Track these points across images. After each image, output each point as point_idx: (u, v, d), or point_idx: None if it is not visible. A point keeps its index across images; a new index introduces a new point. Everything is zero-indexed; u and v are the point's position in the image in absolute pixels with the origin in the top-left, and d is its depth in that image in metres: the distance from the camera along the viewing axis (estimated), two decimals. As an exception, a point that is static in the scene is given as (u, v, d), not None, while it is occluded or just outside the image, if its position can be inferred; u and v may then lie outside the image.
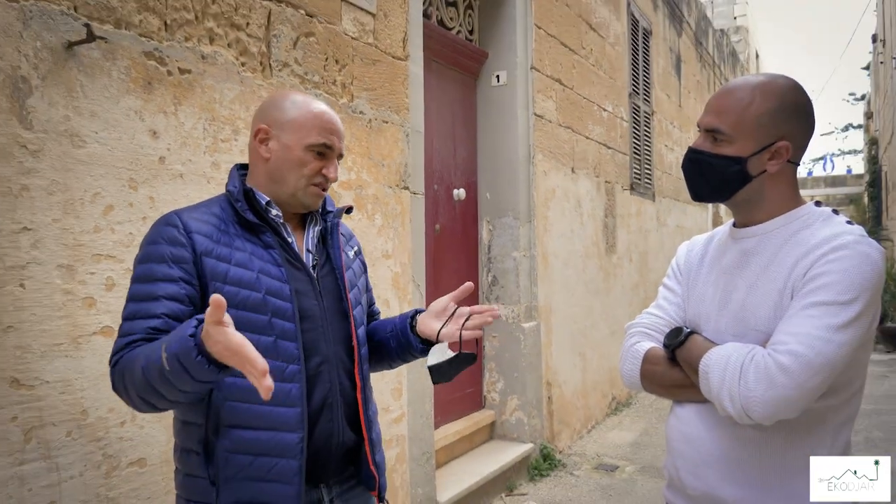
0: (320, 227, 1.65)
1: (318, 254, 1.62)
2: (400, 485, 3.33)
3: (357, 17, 3.10)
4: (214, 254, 1.43)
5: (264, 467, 1.43)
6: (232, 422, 1.43)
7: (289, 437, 1.44)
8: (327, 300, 1.58)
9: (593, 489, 4.46)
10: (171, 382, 1.24)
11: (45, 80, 1.82)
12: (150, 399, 1.31)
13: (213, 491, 1.43)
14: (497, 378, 4.81)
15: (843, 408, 1.36)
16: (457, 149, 4.61)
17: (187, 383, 1.23)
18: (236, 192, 1.51)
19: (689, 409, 1.46)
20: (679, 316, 1.56)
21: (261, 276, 1.46)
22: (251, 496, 1.43)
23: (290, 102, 1.57)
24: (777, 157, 1.38)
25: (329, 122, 1.56)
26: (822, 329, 1.23)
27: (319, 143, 1.53)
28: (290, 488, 1.44)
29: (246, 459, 1.43)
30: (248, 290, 1.44)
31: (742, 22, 18.39)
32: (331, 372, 1.55)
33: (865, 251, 1.27)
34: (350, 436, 1.58)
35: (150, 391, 1.28)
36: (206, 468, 1.44)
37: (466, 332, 1.58)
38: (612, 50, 6.59)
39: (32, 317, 1.79)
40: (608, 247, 6.47)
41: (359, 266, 1.75)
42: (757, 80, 1.41)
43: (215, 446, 1.43)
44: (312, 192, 1.56)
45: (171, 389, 1.26)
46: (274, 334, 1.45)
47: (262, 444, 1.43)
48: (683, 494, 1.49)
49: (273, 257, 1.49)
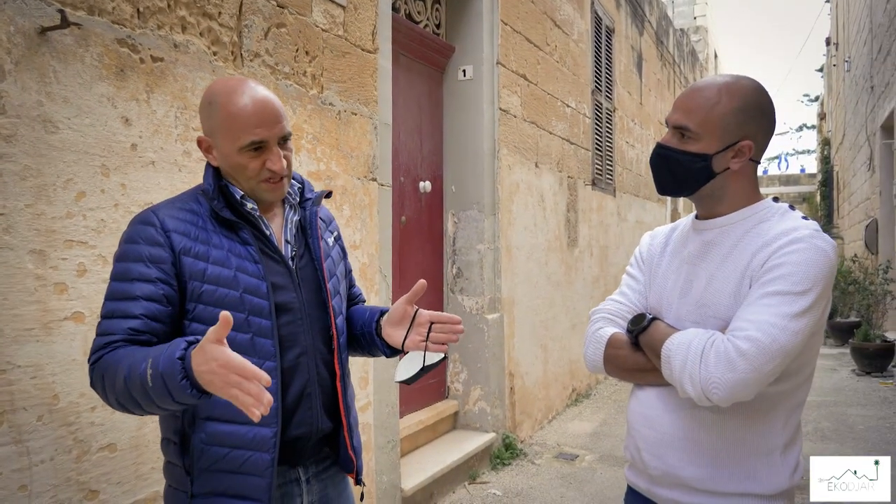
0: (299, 216, 1.66)
1: (297, 244, 1.63)
2: (366, 472, 3.37)
3: (327, 10, 3.12)
4: (192, 252, 1.44)
5: (238, 460, 1.45)
6: (207, 414, 1.45)
7: (264, 431, 1.46)
8: (306, 291, 1.60)
9: (554, 477, 4.56)
10: (151, 397, 1.27)
11: (18, 65, 1.82)
12: (128, 406, 1.34)
13: (188, 480, 1.46)
14: (460, 369, 4.88)
15: (794, 393, 1.44)
16: (423, 142, 4.66)
17: (167, 402, 1.27)
18: (211, 191, 1.51)
19: (649, 392, 1.53)
20: (641, 303, 1.63)
21: (238, 274, 1.47)
22: (224, 487, 1.46)
23: (215, 104, 1.49)
24: (740, 155, 1.46)
25: (253, 117, 1.46)
26: (778, 317, 1.30)
27: (248, 142, 1.47)
28: (262, 480, 1.46)
29: (220, 452, 1.45)
30: (226, 289, 1.45)
31: (702, 22, 18.71)
32: (309, 363, 1.57)
33: (820, 245, 1.36)
34: (327, 423, 1.61)
35: (130, 400, 1.32)
36: (182, 458, 1.47)
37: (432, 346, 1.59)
38: (575, 47, 6.68)
39: (4, 301, 1.79)
40: (570, 241, 6.57)
41: (338, 253, 1.76)
42: (723, 80, 1.48)
43: (191, 438, 1.46)
44: (265, 188, 1.53)
45: (149, 403, 1.30)
46: (251, 332, 1.47)
47: (237, 438, 1.45)
48: (645, 475, 1.56)
49: (250, 253, 1.50)
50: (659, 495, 1.52)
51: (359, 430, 1.74)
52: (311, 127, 2.98)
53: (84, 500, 1.98)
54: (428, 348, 1.59)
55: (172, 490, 1.52)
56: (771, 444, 1.42)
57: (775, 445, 1.42)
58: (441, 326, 1.59)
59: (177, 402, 1.27)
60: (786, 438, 1.43)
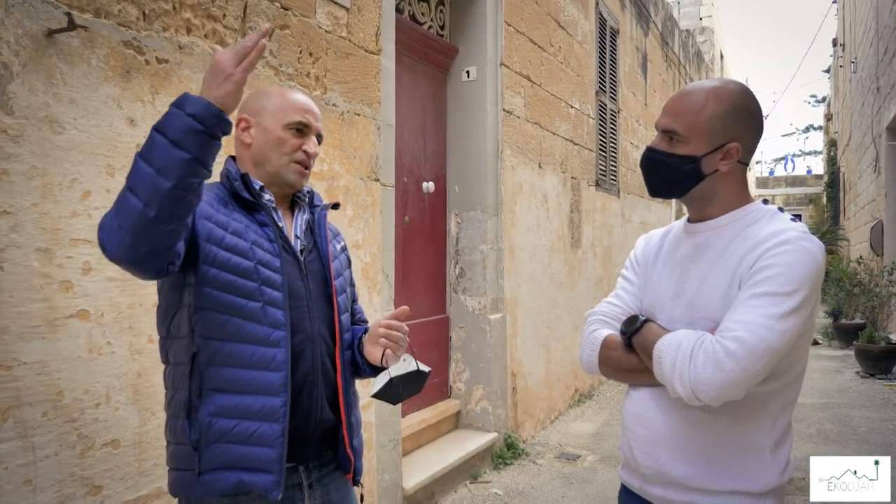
0: (307, 216, 1.72)
1: (306, 241, 1.69)
2: (367, 471, 3.40)
3: (331, 11, 3.15)
4: (213, 219, 1.49)
5: (246, 432, 1.47)
6: (215, 385, 1.47)
7: (273, 401, 1.48)
8: (313, 283, 1.64)
9: (555, 477, 4.58)
10: (173, 145, 1.27)
11: (25, 66, 1.85)
12: (139, 183, 1.28)
13: (195, 456, 1.47)
14: (463, 368, 4.90)
15: (784, 392, 1.46)
16: (426, 142, 4.68)
17: (190, 136, 1.28)
18: (234, 173, 1.59)
19: (643, 393, 1.56)
20: (636, 305, 1.65)
21: (254, 247, 1.52)
22: (234, 460, 1.47)
23: (267, 94, 1.68)
24: (728, 157, 1.48)
25: (304, 104, 1.66)
26: (766, 317, 1.33)
27: (296, 121, 1.62)
28: (273, 451, 1.47)
29: (229, 423, 1.46)
30: (241, 258, 1.49)
31: (708, 23, 18.67)
32: (313, 350, 1.60)
33: (807, 246, 1.38)
34: (329, 416, 1.62)
35: (147, 178, 1.27)
36: (189, 434, 1.47)
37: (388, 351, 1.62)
38: (580, 48, 6.70)
39: (10, 299, 1.82)
40: (573, 241, 6.59)
41: (345, 259, 1.82)
42: (710, 84, 1.51)
43: (198, 411, 1.47)
44: (295, 169, 1.64)
45: (172, 158, 1.26)
46: (262, 300, 1.50)
47: (245, 409, 1.47)
48: (637, 473, 1.58)
49: (266, 234, 1.56)
50: (651, 493, 1.55)
51: (361, 432, 1.75)
52: (314, 128, 3.00)
53: (88, 496, 2.01)
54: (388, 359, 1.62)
55: (179, 474, 1.52)
56: (761, 442, 1.44)
57: (765, 444, 1.44)
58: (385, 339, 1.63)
59: (195, 122, 1.28)
60: (776, 437, 1.45)
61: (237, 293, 1.48)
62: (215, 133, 1.31)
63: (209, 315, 1.47)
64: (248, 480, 1.47)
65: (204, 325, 1.47)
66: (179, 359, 1.52)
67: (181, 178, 1.28)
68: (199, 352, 1.47)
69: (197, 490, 1.48)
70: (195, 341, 1.48)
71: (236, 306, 1.48)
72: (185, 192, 1.29)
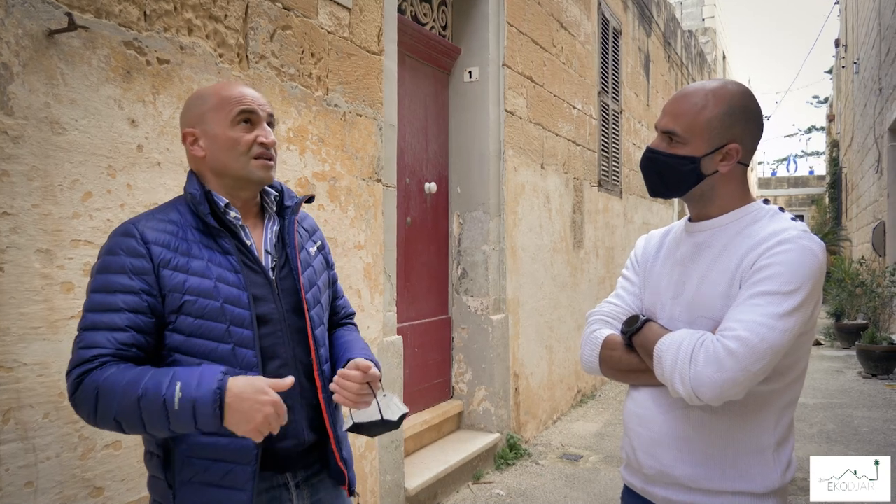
0: (278, 225, 1.65)
1: (278, 254, 1.62)
2: (369, 471, 3.40)
3: (333, 12, 3.14)
4: (172, 264, 1.44)
5: (219, 472, 1.45)
6: None
7: (245, 442, 1.45)
8: (286, 302, 1.58)
9: (558, 478, 4.57)
10: (164, 420, 1.31)
11: (26, 67, 1.85)
12: (127, 425, 1.35)
13: (169, 493, 1.46)
14: (465, 369, 4.90)
15: (785, 391, 1.46)
16: (429, 143, 4.68)
17: (184, 426, 1.33)
18: (198, 196, 1.51)
19: (644, 393, 1.55)
20: (636, 304, 1.65)
21: (219, 285, 1.46)
22: (206, 501, 1.45)
23: (201, 97, 1.58)
24: (728, 158, 1.48)
25: (241, 93, 1.56)
26: (767, 317, 1.32)
27: (239, 111, 1.52)
28: (243, 494, 1.46)
29: (202, 464, 1.45)
30: (206, 299, 1.44)
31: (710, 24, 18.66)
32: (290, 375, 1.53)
33: (808, 245, 1.37)
34: (311, 436, 1.59)
35: (135, 420, 1.33)
36: (165, 471, 1.47)
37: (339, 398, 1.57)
38: (582, 48, 6.69)
39: (11, 300, 1.82)
40: (576, 242, 6.58)
41: (320, 263, 1.74)
42: (710, 85, 1.50)
43: (173, 450, 1.46)
44: (257, 165, 1.54)
45: (160, 425, 1.33)
46: (232, 342, 1.46)
47: (219, 450, 1.45)
48: (640, 474, 1.58)
49: (231, 264, 1.50)
50: (654, 494, 1.54)
51: (349, 441, 1.72)
52: (316, 128, 3.00)
53: (89, 497, 2.01)
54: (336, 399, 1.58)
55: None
56: (763, 442, 1.44)
57: (767, 444, 1.44)
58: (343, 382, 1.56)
59: (194, 429, 1.34)
60: (778, 437, 1.45)
61: (206, 336, 1.44)
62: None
63: (180, 360, 1.44)
64: None
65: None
66: None
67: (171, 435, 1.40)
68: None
69: None
70: None
71: (206, 350, 1.44)
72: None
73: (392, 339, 3.59)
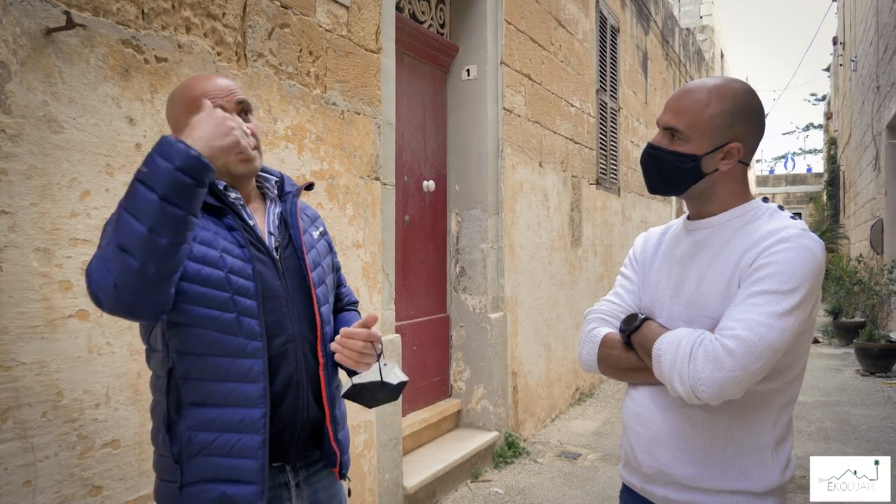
0: (280, 208, 1.67)
1: (281, 235, 1.64)
2: (368, 470, 3.40)
3: (331, 10, 3.14)
4: None
5: (227, 444, 1.45)
6: (193, 399, 1.46)
7: (252, 412, 1.46)
8: (291, 280, 1.60)
9: (556, 476, 4.57)
10: (152, 191, 1.23)
11: (23, 65, 1.85)
12: (131, 242, 1.25)
13: (177, 469, 1.46)
14: (464, 367, 4.90)
15: (784, 390, 1.46)
16: (427, 141, 4.67)
17: (170, 181, 1.24)
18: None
19: (642, 392, 1.55)
20: (635, 303, 1.65)
21: (224, 255, 1.47)
22: (215, 473, 1.45)
23: (171, 102, 1.60)
24: (729, 156, 1.47)
25: (206, 87, 1.55)
26: (766, 315, 1.32)
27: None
28: (254, 462, 1.46)
29: (209, 437, 1.45)
30: (211, 268, 1.45)
31: (708, 21, 18.66)
32: (297, 351, 1.57)
33: (807, 244, 1.37)
34: (315, 412, 1.60)
35: (131, 228, 1.24)
36: (170, 447, 1.47)
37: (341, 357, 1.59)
38: (580, 46, 6.69)
39: (10, 299, 1.81)
40: (574, 240, 6.58)
41: (324, 246, 1.76)
42: (714, 82, 1.49)
43: (178, 425, 1.46)
44: (235, 160, 1.53)
45: (152, 203, 1.24)
46: (236, 311, 1.46)
47: (224, 422, 1.45)
48: (638, 473, 1.58)
49: (235, 238, 1.51)
50: (652, 493, 1.54)
51: (347, 425, 1.73)
52: (314, 126, 3.00)
53: (88, 496, 2.01)
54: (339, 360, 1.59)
55: (163, 484, 1.51)
56: (761, 441, 1.43)
57: (766, 443, 1.43)
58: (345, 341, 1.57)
59: (176, 171, 1.24)
60: (777, 436, 1.44)
61: (210, 305, 1.44)
62: (204, 184, 1.29)
63: (183, 329, 1.44)
64: (231, 493, 1.46)
65: (178, 340, 1.45)
66: (157, 371, 1.51)
67: (176, 233, 1.26)
68: (175, 367, 1.45)
69: (180, 502, 1.47)
70: (170, 356, 1.46)
71: (210, 318, 1.44)
72: (181, 243, 1.29)
73: (390, 337, 3.59)
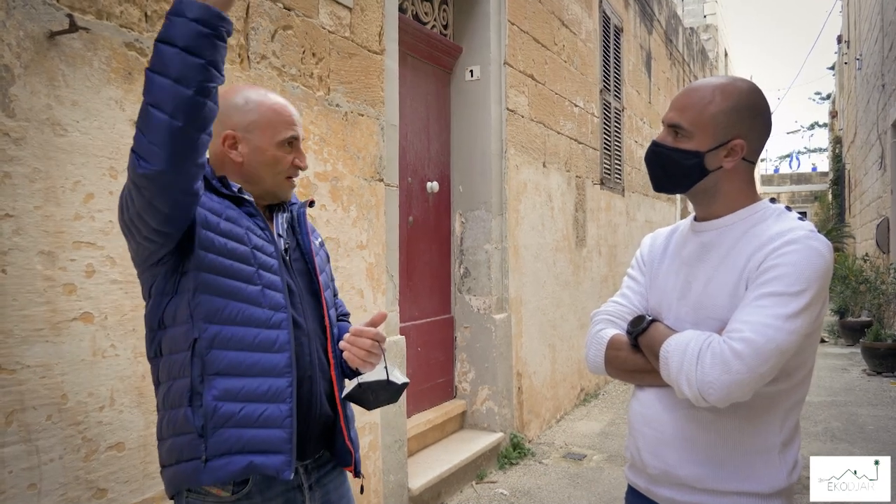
0: (287, 215, 1.71)
1: (289, 239, 1.67)
2: (372, 471, 3.39)
3: (334, 11, 3.14)
4: (207, 206, 1.48)
5: (254, 414, 1.45)
6: (218, 370, 1.45)
7: (278, 382, 1.48)
8: (300, 281, 1.64)
9: (561, 477, 4.56)
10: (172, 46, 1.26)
11: (27, 69, 1.85)
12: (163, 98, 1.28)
13: (201, 443, 1.43)
14: (468, 368, 4.89)
15: (792, 392, 1.45)
16: (430, 142, 4.67)
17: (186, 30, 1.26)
18: (210, 173, 1.56)
19: (649, 393, 1.54)
20: (642, 304, 1.64)
21: (249, 233, 1.52)
22: (242, 445, 1.44)
23: (247, 102, 1.60)
24: (733, 154, 1.47)
25: (290, 114, 1.62)
26: (774, 318, 1.31)
27: (289, 136, 1.60)
28: (282, 432, 1.46)
29: (235, 407, 1.44)
30: (237, 243, 1.49)
31: (712, 20, 18.63)
32: (310, 346, 1.60)
33: (815, 246, 1.36)
34: (328, 410, 1.62)
35: (162, 84, 1.27)
36: (194, 420, 1.44)
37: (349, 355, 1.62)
38: (583, 46, 6.68)
39: (14, 302, 1.81)
40: (578, 240, 6.57)
41: (324, 255, 1.81)
42: (718, 81, 1.50)
43: (202, 397, 1.44)
44: (288, 184, 1.64)
45: (176, 55, 1.26)
46: (261, 284, 1.50)
47: (251, 392, 1.45)
48: (644, 474, 1.57)
49: (257, 223, 1.56)
50: (658, 494, 1.53)
51: (355, 425, 1.75)
52: (317, 128, 3.00)
53: (93, 499, 2.01)
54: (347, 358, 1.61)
55: (180, 467, 1.47)
56: (769, 443, 1.43)
57: (773, 444, 1.43)
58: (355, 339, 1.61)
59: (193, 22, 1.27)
60: (784, 437, 1.44)
61: (236, 277, 1.47)
62: (221, 35, 1.31)
63: (209, 300, 1.45)
64: (259, 462, 1.45)
65: (204, 310, 1.45)
66: (177, 347, 1.48)
67: (200, 84, 1.29)
68: (200, 337, 1.45)
69: (204, 478, 1.44)
70: (195, 325, 1.45)
71: (235, 290, 1.47)
72: (206, 98, 1.30)
73: (395, 338, 3.59)
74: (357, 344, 1.60)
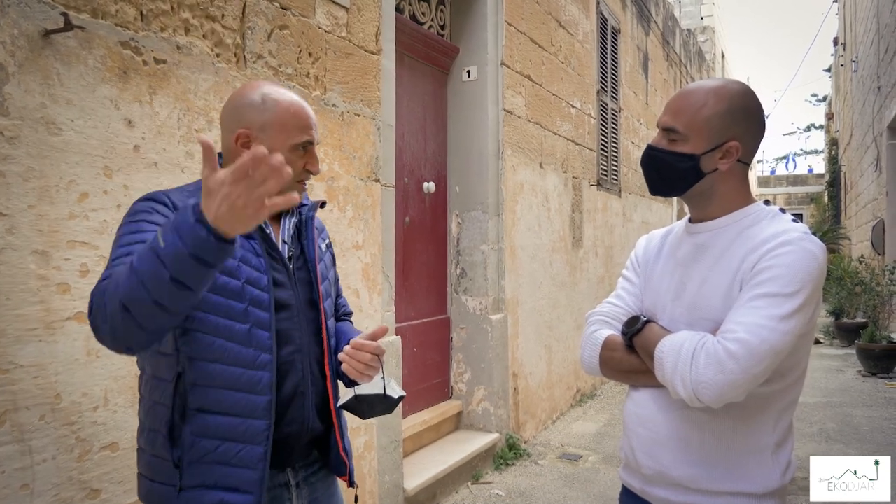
0: (295, 219, 1.68)
1: (294, 246, 1.65)
2: (368, 472, 3.39)
3: (330, 11, 3.13)
4: None
5: (230, 452, 1.45)
6: (200, 406, 1.45)
7: (257, 423, 1.47)
8: (301, 291, 1.62)
9: (557, 478, 4.56)
10: (164, 267, 1.14)
11: (21, 67, 1.84)
12: (135, 305, 1.19)
13: (176, 474, 1.45)
14: (464, 369, 4.89)
15: (785, 392, 1.45)
16: (427, 142, 4.67)
17: (184, 262, 1.14)
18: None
19: (644, 394, 1.55)
20: (636, 305, 1.64)
21: (241, 265, 1.47)
22: (216, 479, 1.45)
23: (264, 100, 1.52)
24: (728, 156, 1.48)
25: (307, 117, 1.55)
26: (768, 319, 1.32)
27: (303, 141, 1.54)
28: (254, 473, 1.46)
29: (212, 444, 1.45)
30: (228, 277, 1.45)
31: (709, 22, 18.65)
32: (303, 361, 1.58)
33: (808, 247, 1.37)
34: (317, 425, 1.61)
35: (140, 291, 1.17)
36: (171, 451, 1.45)
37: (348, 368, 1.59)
38: (580, 47, 6.68)
39: (7, 302, 1.81)
40: (575, 241, 6.57)
41: (329, 259, 1.78)
42: (712, 84, 1.51)
43: (181, 430, 1.45)
44: (298, 187, 1.58)
45: (161, 279, 1.15)
46: (249, 322, 1.47)
47: (229, 430, 1.45)
48: (638, 474, 1.57)
49: (253, 247, 1.51)
50: (652, 495, 1.54)
51: (349, 433, 1.74)
52: (313, 128, 2.99)
53: (86, 499, 2.00)
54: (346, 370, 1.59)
55: (156, 486, 1.48)
56: (762, 443, 1.43)
57: (766, 445, 1.43)
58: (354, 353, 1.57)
59: (195, 260, 1.13)
60: (777, 438, 1.44)
61: (225, 315, 1.44)
62: (219, 266, 1.19)
63: (196, 336, 1.43)
64: (229, 500, 1.45)
65: (191, 346, 1.44)
66: (161, 374, 1.47)
67: (184, 307, 1.23)
68: (185, 372, 1.44)
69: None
70: (180, 361, 1.44)
71: (224, 328, 1.44)
72: (183, 313, 1.25)
73: (391, 339, 3.58)
74: (357, 357, 1.57)
